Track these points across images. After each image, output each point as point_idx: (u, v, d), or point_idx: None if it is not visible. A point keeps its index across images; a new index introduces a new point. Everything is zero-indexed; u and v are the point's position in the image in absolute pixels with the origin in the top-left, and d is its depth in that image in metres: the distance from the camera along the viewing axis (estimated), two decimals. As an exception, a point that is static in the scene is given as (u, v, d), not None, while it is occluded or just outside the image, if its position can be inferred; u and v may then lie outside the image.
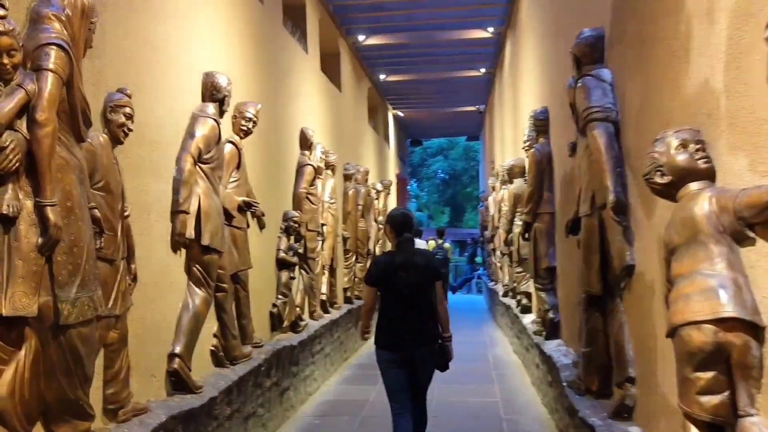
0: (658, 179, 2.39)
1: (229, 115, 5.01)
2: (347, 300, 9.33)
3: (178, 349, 3.93)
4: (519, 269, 7.95)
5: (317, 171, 7.62)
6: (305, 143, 7.13)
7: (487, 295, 15.45)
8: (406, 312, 4.04)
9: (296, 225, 6.39)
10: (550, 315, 5.81)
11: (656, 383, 3.03)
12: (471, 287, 20.77)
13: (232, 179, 4.92)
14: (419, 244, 12.83)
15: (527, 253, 7.67)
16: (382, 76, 12.81)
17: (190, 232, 4.10)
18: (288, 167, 6.75)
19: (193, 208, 4.13)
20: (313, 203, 7.05)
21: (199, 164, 4.23)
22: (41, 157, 2.50)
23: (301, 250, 6.76)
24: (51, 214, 2.51)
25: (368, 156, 12.36)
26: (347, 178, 9.57)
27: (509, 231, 8.32)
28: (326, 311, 7.90)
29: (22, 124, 2.51)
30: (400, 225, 4.18)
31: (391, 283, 4.05)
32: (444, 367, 4.22)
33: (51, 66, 2.55)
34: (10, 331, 2.47)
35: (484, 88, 14.20)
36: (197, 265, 4.20)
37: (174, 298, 4.00)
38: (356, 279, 9.68)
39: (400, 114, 16.50)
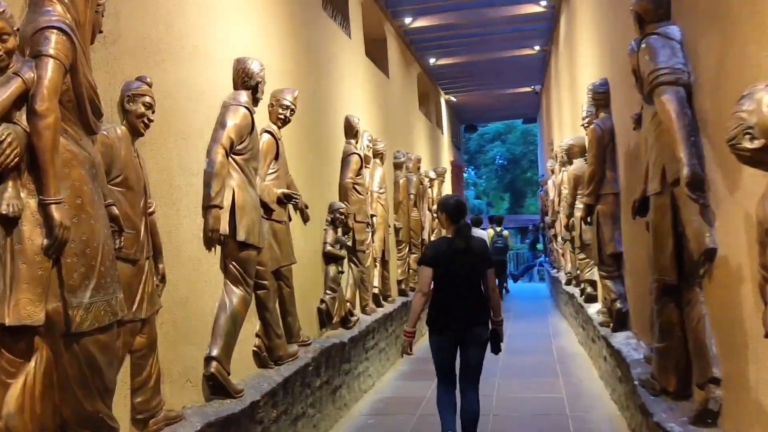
0: (747, 144, 1.98)
1: (266, 104, 4.77)
2: (402, 292, 9.03)
3: (215, 352, 3.71)
4: (582, 256, 7.46)
5: (365, 160, 7.34)
6: (350, 131, 6.85)
7: (549, 283, 14.91)
8: (461, 296, 4.23)
9: (343, 217, 6.13)
10: (618, 305, 5.34)
11: (747, 385, 2.61)
12: (533, 275, 20.24)
13: (270, 171, 4.68)
14: (480, 233, 12.78)
15: (590, 239, 7.20)
16: (432, 60, 12.38)
17: (225, 228, 3.88)
18: (333, 157, 6.50)
19: (227, 203, 3.91)
20: (360, 193, 6.77)
21: (232, 156, 4.00)
22: (43, 150, 2.28)
23: (349, 243, 6.51)
24: (56, 212, 2.29)
25: (420, 143, 12.00)
26: (397, 166, 9.26)
27: (570, 215, 7.82)
28: (379, 305, 7.63)
29: (22, 116, 2.30)
30: (455, 211, 4.33)
31: (449, 267, 4.22)
32: (497, 349, 4.41)
33: (51, 51, 2.33)
34: (18, 341, 2.27)
35: (540, 67, 13.58)
36: (233, 263, 3.98)
37: (209, 297, 3.79)
38: (411, 270, 9.37)
39: (453, 99, 16.01)
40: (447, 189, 14.92)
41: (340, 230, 6.27)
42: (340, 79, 6.92)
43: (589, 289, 7.29)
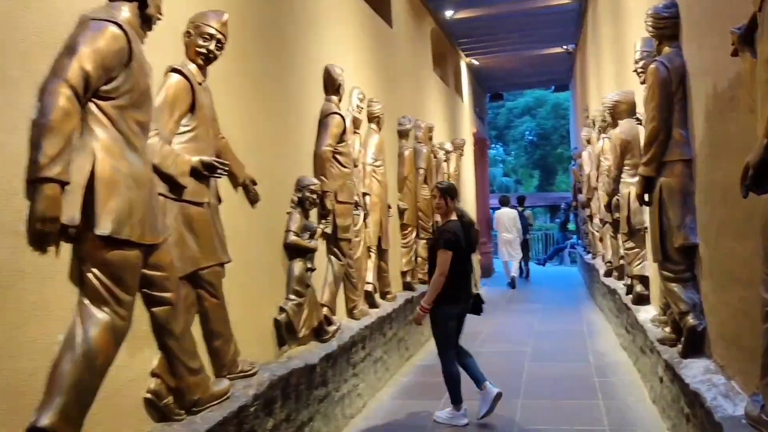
0: None
1: (179, 31, 3.30)
2: (407, 286, 7.51)
3: (46, 420, 2.25)
4: (630, 244, 5.84)
5: (354, 123, 5.85)
6: (331, 86, 5.32)
7: (582, 269, 13.30)
8: (466, 271, 4.82)
9: (315, 196, 4.64)
10: (690, 320, 3.74)
11: None
12: (563, 257, 18.59)
13: (182, 129, 3.20)
14: (509, 212, 13.42)
15: (641, 222, 5.64)
16: (448, 13, 10.66)
17: (73, 215, 2.42)
18: (306, 118, 4.98)
19: (80, 175, 2.44)
20: (344, 165, 5.25)
21: (95, 100, 2.52)
22: None
23: (327, 230, 5.02)
24: None
25: (434, 110, 10.39)
26: (402, 134, 7.70)
27: (615, 191, 6.17)
28: (374, 305, 6.13)
29: None
30: (454, 194, 4.92)
31: (463, 247, 4.76)
32: (480, 311, 5.06)
33: None
34: None
35: (574, 21, 11.75)
36: (94, 270, 2.51)
37: (41, 329, 2.33)
38: (419, 259, 7.86)
39: (475, 62, 14.25)
40: (467, 164, 13.31)
41: (314, 213, 4.80)
42: (316, 17, 5.37)
43: (638, 288, 5.70)
